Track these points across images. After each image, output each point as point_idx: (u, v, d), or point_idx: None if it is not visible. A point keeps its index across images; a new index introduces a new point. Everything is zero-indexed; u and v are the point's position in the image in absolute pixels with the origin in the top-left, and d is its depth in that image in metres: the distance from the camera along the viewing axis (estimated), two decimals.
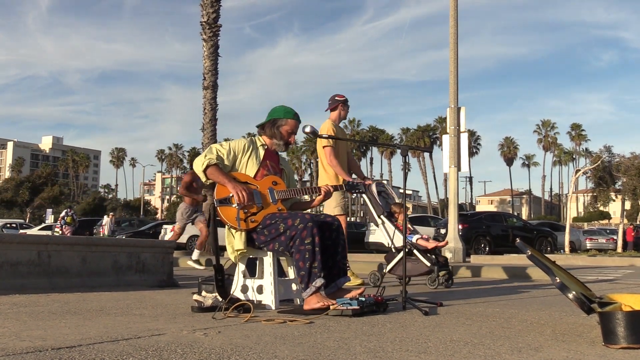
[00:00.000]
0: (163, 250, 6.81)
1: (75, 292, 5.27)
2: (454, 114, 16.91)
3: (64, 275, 5.71)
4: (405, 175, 4.43)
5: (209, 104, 20.28)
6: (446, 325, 3.33)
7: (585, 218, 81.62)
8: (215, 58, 20.37)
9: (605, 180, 34.91)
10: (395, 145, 5.18)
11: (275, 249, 4.05)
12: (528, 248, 3.13)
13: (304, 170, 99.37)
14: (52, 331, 2.94)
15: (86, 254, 5.96)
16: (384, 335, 2.92)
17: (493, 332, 3.08)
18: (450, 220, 17.32)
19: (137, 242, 6.95)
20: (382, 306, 3.94)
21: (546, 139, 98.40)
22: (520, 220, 24.75)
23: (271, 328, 3.11)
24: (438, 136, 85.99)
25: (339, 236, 4.17)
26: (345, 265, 4.21)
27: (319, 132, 4.68)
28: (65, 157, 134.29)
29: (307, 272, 3.85)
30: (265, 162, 4.31)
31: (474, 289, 6.44)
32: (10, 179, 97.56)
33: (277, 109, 4.38)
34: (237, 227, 4.02)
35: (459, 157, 16.65)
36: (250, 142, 4.33)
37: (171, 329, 3.04)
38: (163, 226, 27.73)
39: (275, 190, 4.21)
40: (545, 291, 6.03)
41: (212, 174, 4.07)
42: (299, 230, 3.90)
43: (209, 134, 20.21)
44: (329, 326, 3.22)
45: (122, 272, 6.27)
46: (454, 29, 17.49)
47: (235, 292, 4.09)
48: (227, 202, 4.04)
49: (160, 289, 6.00)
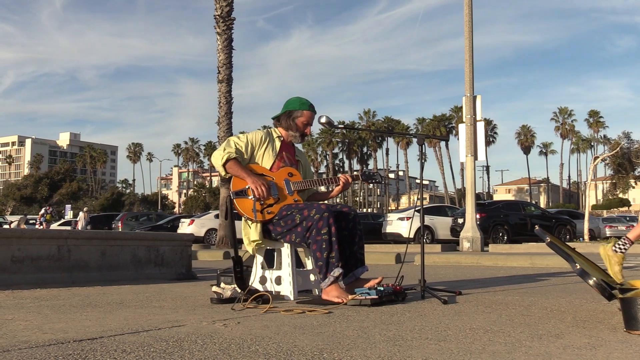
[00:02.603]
0: (181, 243, 6.85)
1: (95, 286, 5.31)
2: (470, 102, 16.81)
3: (84, 269, 5.76)
4: (422, 165, 4.41)
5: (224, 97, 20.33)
6: (465, 314, 3.32)
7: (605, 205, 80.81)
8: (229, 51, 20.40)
9: (625, 167, 34.59)
10: (411, 135, 5.15)
11: (292, 240, 4.05)
12: (547, 235, 3.11)
13: (320, 162, 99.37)
14: (73, 324, 2.96)
15: (105, 248, 6.01)
16: (403, 324, 2.92)
17: (513, 320, 3.07)
18: (467, 209, 17.26)
19: (155, 235, 7.00)
20: (401, 295, 3.93)
21: (564, 126, 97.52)
22: (538, 208, 24.57)
23: (290, 318, 3.12)
24: (454, 126, 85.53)
25: (356, 226, 4.16)
26: (362, 256, 4.20)
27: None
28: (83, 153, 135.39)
29: (324, 262, 3.85)
30: (282, 154, 4.31)
31: (493, 277, 6.42)
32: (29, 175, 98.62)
33: (293, 101, 4.38)
34: (253, 218, 4.03)
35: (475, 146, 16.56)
36: (266, 134, 4.32)
37: (191, 321, 3.06)
38: (181, 220, 27.93)
39: (291, 182, 4.21)
40: (565, 278, 5.99)
41: (232, 168, 4.07)
42: (315, 220, 3.90)
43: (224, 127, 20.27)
44: (348, 316, 3.22)
45: (141, 265, 6.31)
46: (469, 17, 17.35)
47: (253, 283, 4.10)
48: (244, 194, 4.05)
49: (179, 282, 6.04)
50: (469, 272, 7.40)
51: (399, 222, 23.05)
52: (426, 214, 23.14)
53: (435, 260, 9.84)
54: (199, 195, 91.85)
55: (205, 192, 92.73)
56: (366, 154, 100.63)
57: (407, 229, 22.40)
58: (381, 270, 7.42)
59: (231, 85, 20.52)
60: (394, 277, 4.31)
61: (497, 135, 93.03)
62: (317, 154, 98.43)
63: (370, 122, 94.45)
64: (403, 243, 21.38)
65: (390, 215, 24.41)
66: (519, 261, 8.88)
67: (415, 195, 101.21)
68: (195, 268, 7.29)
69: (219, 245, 20.16)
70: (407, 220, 22.47)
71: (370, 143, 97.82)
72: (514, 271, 7.49)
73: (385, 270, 7.33)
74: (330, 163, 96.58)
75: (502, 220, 20.98)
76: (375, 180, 4.50)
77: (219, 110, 20.49)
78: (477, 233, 16.81)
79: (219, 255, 12.26)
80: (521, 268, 8.20)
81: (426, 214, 23.14)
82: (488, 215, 20.77)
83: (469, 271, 7.54)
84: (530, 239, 18.52)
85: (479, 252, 15.04)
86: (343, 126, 4.82)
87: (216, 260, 11.61)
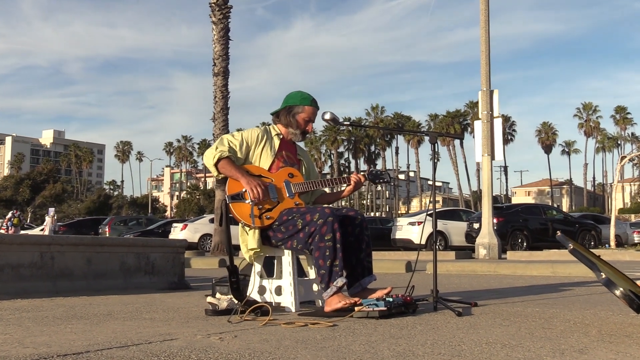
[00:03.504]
0: (173, 250, 6.86)
1: (80, 296, 5.32)
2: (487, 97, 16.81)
3: (69, 278, 5.77)
4: (435, 165, 4.41)
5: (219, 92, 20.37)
6: (481, 327, 3.32)
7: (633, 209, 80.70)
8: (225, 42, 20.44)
9: None
10: (423, 132, 5.15)
11: (293, 247, 4.05)
12: (570, 242, 3.11)
13: (324, 162, 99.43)
14: (57, 337, 2.97)
15: (91, 254, 6.02)
16: (414, 338, 2.92)
17: (533, 333, 3.07)
18: (484, 213, 17.25)
19: (145, 241, 7.01)
20: (412, 307, 3.93)
21: (588, 123, 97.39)
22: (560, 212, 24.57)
23: (291, 331, 3.12)
24: (469, 122, 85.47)
25: (363, 231, 4.16)
26: (370, 264, 4.20)
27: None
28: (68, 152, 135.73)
29: (327, 271, 3.85)
30: (281, 153, 4.31)
31: (511, 287, 6.41)
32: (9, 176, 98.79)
33: (293, 95, 4.38)
34: (251, 224, 4.03)
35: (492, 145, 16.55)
36: (264, 132, 4.33)
37: (184, 334, 3.06)
38: (173, 224, 27.95)
39: (291, 183, 4.21)
40: (589, 289, 5.99)
41: (224, 168, 4.08)
42: (319, 226, 3.90)
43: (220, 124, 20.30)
44: (354, 329, 3.22)
45: (130, 273, 6.32)
46: (485, 4, 17.36)
47: (251, 293, 4.10)
48: (240, 197, 4.05)
49: (171, 292, 6.05)
50: (485, 281, 7.40)
51: (409, 227, 23.05)
52: (439, 218, 23.15)
53: (448, 268, 9.83)
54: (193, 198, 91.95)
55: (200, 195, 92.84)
56: (374, 153, 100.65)
57: (418, 234, 22.41)
58: (390, 279, 7.41)
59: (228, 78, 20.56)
60: (404, 287, 4.31)
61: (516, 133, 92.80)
62: (321, 153, 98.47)
63: (379, 119, 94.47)
64: (414, 250, 21.37)
65: (400, 220, 24.42)
66: (539, 270, 8.87)
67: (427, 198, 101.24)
68: (188, 277, 7.30)
69: (214, 252, 20.18)
70: (419, 225, 22.47)
71: (378, 141, 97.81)
72: (534, 280, 7.48)
73: (394, 280, 7.32)
74: (335, 163, 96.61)
75: (521, 225, 20.96)
76: (383, 180, 4.49)
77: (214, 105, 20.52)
78: (494, 239, 16.79)
79: (214, 263, 12.27)
80: (542, 277, 8.20)
81: (439, 218, 23.15)
82: (506, 220, 20.75)
83: (485, 280, 7.54)
84: (552, 246, 18.48)
85: (496, 260, 15.04)
86: (349, 123, 4.83)
87: (211, 269, 11.62)
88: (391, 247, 23.32)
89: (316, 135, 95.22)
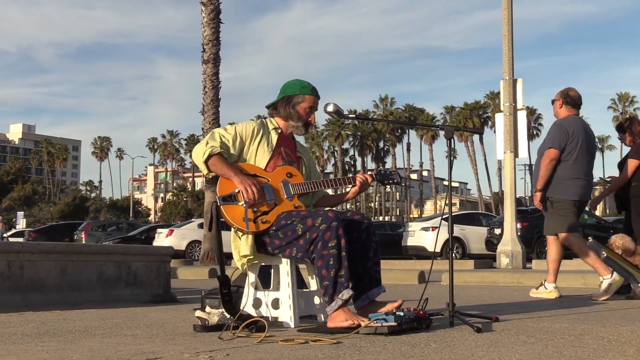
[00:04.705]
0: (158, 258, 6.86)
1: (53, 310, 5.33)
2: (509, 87, 16.80)
3: (40, 290, 5.78)
4: (451, 164, 4.42)
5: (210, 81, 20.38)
6: (503, 344, 3.32)
7: None
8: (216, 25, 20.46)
9: None
10: (437, 127, 5.15)
11: (292, 255, 4.05)
12: (603, 249, 3.11)
13: (327, 160, 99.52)
14: (26, 356, 2.97)
15: (66, 264, 6.02)
16: (427, 357, 2.92)
17: (562, 352, 3.07)
18: (506, 218, 17.24)
19: (126, 249, 7.02)
20: (425, 322, 3.93)
21: (624, 116, 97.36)
22: (592, 216, 24.52)
23: (290, 350, 3.12)
24: (490, 115, 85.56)
25: (370, 238, 4.16)
26: (378, 274, 4.20)
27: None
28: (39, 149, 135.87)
29: (331, 282, 3.85)
30: (279, 149, 4.31)
31: (536, 300, 6.41)
32: None
33: (291, 84, 4.38)
34: (244, 228, 4.03)
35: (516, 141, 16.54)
36: (260, 125, 4.33)
37: (170, 352, 3.06)
38: (157, 230, 27.99)
39: (290, 184, 4.21)
40: (625, 302, 5.97)
41: (215, 166, 4.08)
42: (321, 231, 3.89)
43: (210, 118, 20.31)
44: (361, 347, 3.22)
45: (109, 285, 6.33)
46: None
47: (245, 307, 4.10)
48: (233, 199, 4.05)
49: (155, 305, 6.05)
50: (507, 293, 7.40)
51: (422, 232, 23.03)
52: (456, 223, 23.12)
53: (466, 279, 9.83)
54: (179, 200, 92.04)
55: (187, 197, 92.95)
56: (383, 150, 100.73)
57: (432, 241, 22.36)
58: (401, 291, 7.41)
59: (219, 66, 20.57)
60: (416, 300, 4.31)
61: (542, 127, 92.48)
62: (323, 150, 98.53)
63: (388, 112, 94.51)
64: (428, 258, 21.36)
65: (413, 225, 24.40)
66: (568, 280, 8.86)
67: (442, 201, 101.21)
68: (174, 288, 7.30)
69: (204, 260, 20.19)
70: (433, 230, 22.46)
71: (387, 137, 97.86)
72: (562, 292, 7.48)
73: (406, 292, 7.33)
74: (339, 161, 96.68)
75: None
76: (392, 181, 4.49)
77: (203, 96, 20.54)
78: (517, 246, 16.78)
79: (204, 273, 12.28)
80: (572, 289, 8.19)
81: (456, 223, 23.12)
82: (531, 225, 20.73)
83: (507, 292, 7.54)
84: None
85: (520, 270, 15.02)
86: (354, 116, 4.82)
87: (200, 279, 11.64)
88: (402, 255, 23.32)
89: (318, 130, 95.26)
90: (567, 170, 6.55)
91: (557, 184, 6.59)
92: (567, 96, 6.81)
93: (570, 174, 6.54)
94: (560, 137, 6.60)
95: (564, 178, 6.56)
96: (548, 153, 6.60)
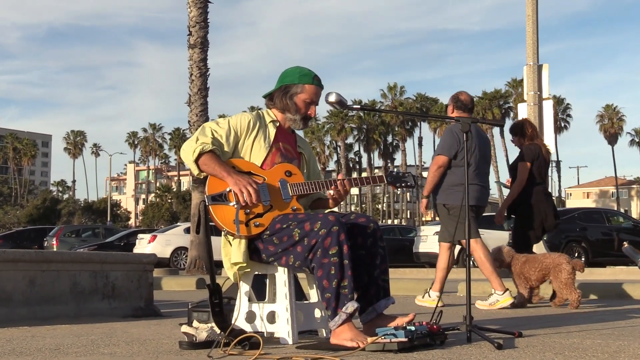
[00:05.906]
0: (139, 267, 6.86)
1: (20, 326, 5.33)
2: (534, 74, 16.80)
3: (5, 304, 5.77)
4: (468, 161, 4.42)
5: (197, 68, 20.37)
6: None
7: None
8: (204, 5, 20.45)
9: None
10: (453, 118, 5.15)
11: (289, 264, 4.05)
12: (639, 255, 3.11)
13: (329, 156, 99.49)
14: None
15: (35, 274, 6.02)
16: None
17: None
18: None
19: (104, 257, 7.02)
20: (439, 337, 3.93)
21: None
22: (628, 219, 24.54)
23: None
24: (512, 106, 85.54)
25: (377, 243, 4.16)
26: (386, 283, 4.20)
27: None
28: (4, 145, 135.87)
29: (333, 294, 3.85)
30: (277, 145, 4.31)
31: (565, 313, 6.41)
32: None
33: (290, 72, 4.39)
34: (235, 232, 4.03)
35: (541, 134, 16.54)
36: (256, 118, 4.33)
37: None
38: (139, 235, 27.99)
39: (289, 184, 4.21)
40: None
41: (207, 165, 4.07)
42: (321, 237, 3.89)
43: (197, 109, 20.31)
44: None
45: (84, 297, 6.33)
46: None
47: (237, 321, 4.11)
48: (223, 199, 4.04)
49: (136, 320, 6.06)
50: (532, 305, 7.40)
51: (436, 238, 22.95)
52: None
53: (485, 289, 9.81)
54: (163, 202, 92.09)
55: (172, 198, 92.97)
56: (391, 145, 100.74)
57: None
58: (412, 303, 7.42)
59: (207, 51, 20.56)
60: (429, 313, 4.32)
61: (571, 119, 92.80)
62: (325, 146, 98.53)
63: (397, 102, 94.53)
64: None
65: (425, 229, 24.39)
66: (601, 291, 8.88)
67: None
68: (158, 301, 7.31)
69: (191, 269, 20.20)
70: None
71: (396, 130, 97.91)
72: (594, 304, 7.49)
73: (417, 304, 7.33)
74: (343, 157, 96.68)
75: (578, 235, 20.96)
76: (405, 184, 4.47)
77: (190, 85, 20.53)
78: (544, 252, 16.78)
79: (191, 284, 12.26)
80: (604, 300, 8.20)
81: None
82: (559, 229, 20.74)
83: (532, 305, 7.54)
84: (617, 261, 18.46)
85: None
86: (359, 107, 4.81)
87: (187, 291, 11.63)
88: (413, 262, 23.32)
89: (318, 122, 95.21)
90: (461, 177, 6.71)
91: (450, 190, 7.05)
92: (457, 100, 7.22)
93: (463, 180, 6.66)
94: (451, 143, 7.00)
95: (457, 184, 6.95)
96: (436, 160, 7.07)
